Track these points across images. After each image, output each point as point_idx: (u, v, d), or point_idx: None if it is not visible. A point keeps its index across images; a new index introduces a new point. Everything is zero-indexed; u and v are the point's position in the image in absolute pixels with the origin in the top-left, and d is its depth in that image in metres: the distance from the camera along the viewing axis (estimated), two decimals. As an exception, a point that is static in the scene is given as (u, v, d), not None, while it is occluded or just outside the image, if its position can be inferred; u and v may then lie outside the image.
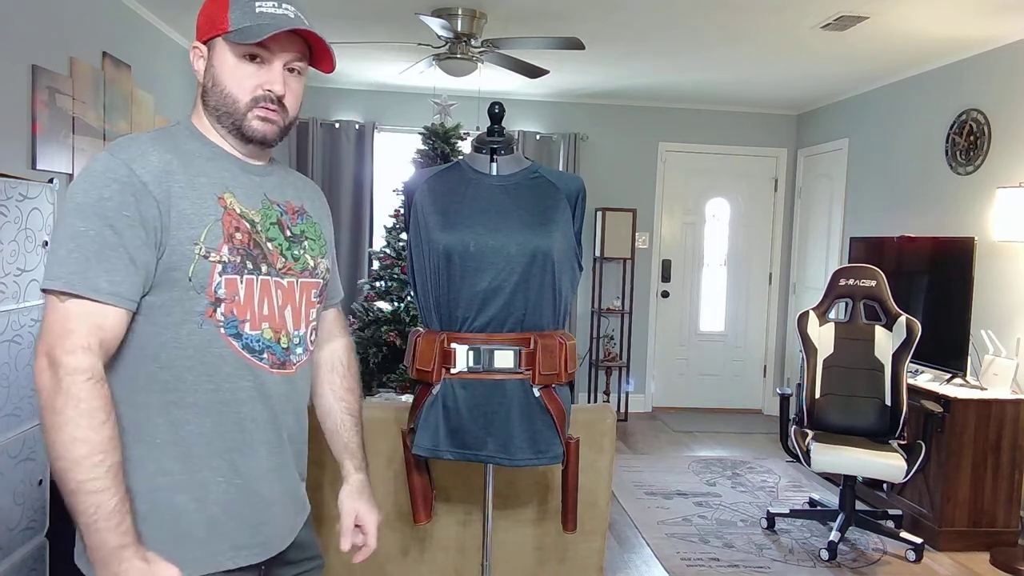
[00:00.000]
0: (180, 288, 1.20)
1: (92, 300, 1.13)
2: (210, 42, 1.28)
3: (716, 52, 4.81)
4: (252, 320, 1.27)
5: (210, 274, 1.22)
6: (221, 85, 1.27)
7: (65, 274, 1.12)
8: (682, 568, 3.49)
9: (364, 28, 4.53)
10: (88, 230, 1.13)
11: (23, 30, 3.16)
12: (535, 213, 1.98)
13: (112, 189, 1.15)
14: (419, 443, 1.97)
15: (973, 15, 3.86)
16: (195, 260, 1.20)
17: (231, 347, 1.25)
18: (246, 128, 1.29)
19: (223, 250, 1.23)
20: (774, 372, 6.82)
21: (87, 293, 1.13)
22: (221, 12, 1.25)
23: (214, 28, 1.26)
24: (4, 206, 2.37)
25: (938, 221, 4.69)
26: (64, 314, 1.12)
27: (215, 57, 1.27)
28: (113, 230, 1.14)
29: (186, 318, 1.21)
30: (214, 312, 1.23)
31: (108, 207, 1.14)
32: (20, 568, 2.53)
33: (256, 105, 1.28)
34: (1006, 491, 3.80)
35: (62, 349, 1.10)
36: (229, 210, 1.25)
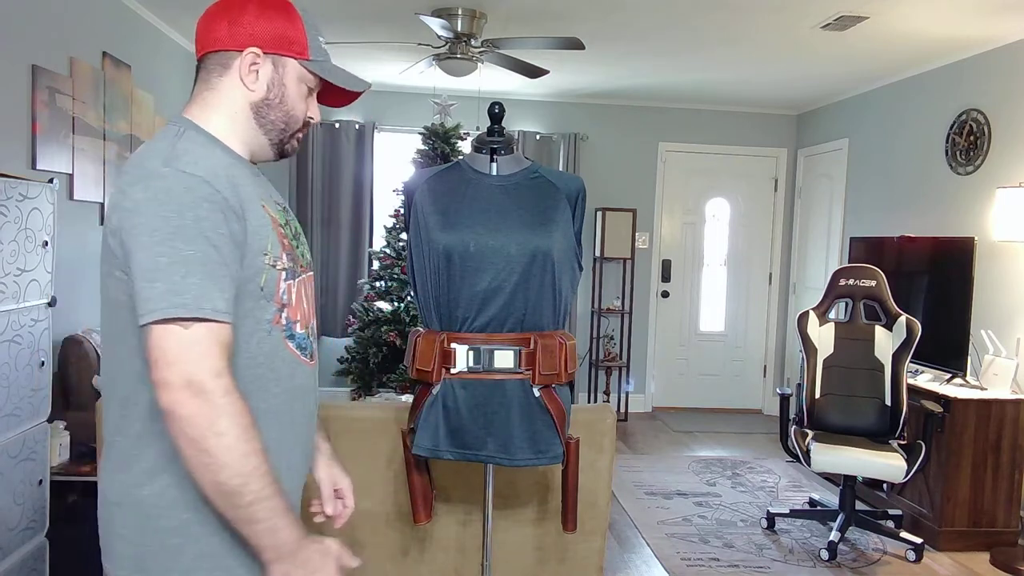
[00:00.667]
0: (252, 299, 1.22)
1: (217, 321, 1.13)
2: (278, 58, 1.28)
3: (716, 52, 4.81)
4: (301, 320, 1.32)
5: (277, 282, 1.25)
6: (288, 104, 1.30)
7: (189, 300, 1.11)
8: (682, 568, 3.50)
9: (364, 28, 4.53)
10: (196, 252, 1.12)
11: (23, 30, 3.16)
12: (535, 213, 1.98)
13: (205, 208, 1.14)
14: (419, 443, 1.97)
15: (973, 15, 3.86)
16: (266, 270, 1.23)
17: (289, 349, 1.30)
18: (288, 147, 1.35)
19: (283, 257, 1.27)
20: (774, 372, 6.82)
21: (213, 316, 1.12)
22: (299, 35, 1.28)
23: (290, 48, 1.28)
24: (4, 206, 2.37)
25: (938, 221, 4.69)
26: (194, 338, 1.11)
27: (287, 76, 1.29)
28: (216, 250, 1.14)
29: (256, 327, 1.24)
30: (280, 318, 1.27)
31: (206, 227, 1.14)
32: (20, 568, 2.53)
33: (300, 129, 1.35)
34: (1006, 491, 3.80)
35: (208, 374, 1.10)
36: (272, 217, 1.28)
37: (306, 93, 1.32)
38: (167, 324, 1.10)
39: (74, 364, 3.33)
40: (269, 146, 1.33)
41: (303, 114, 1.33)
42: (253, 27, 1.25)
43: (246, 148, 1.31)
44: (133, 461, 1.23)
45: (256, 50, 1.25)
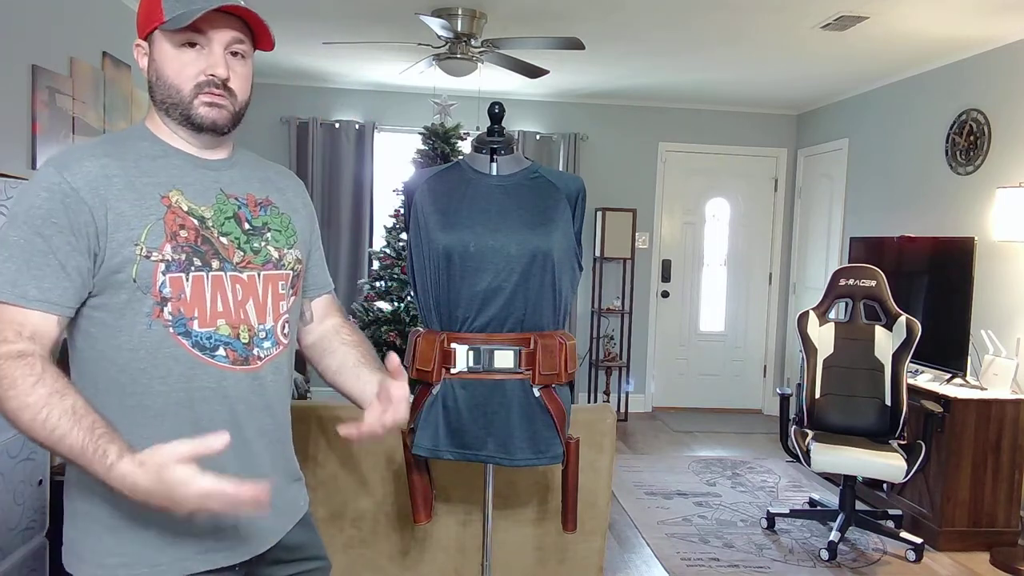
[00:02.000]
0: (127, 290, 1.21)
1: (20, 307, 1.16)
2: (150, 37, 1.27)
3: (716, 52, 4.81)
4: (202, 317, 1.25)
5: (153, 273, 1.21)
6: (164, 76, 1.27)
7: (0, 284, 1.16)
8: (682, 568, 3.49)
9: (364, 28, 4.53)
10: (19, 239, 1.16)
11: (23, 30, 3.16)
12: (535, 213, 1.98)
13: (42, 198, 1.18)
14: (419, 443, 1.97)
15: (973, 15, 3.86)
16: (137, 261, 1.20)
17: (182, 346, 1.24)
18: (194, 116, 1.27)
19: (165, 248, 1.22)
20: (774, 372, 6.82)
21: (15, 300, 1.15)
22: (156, 5, 1.25)
23: (151, 21, 1.25)
24: (4, 206, 2.37)
25: (938, 221, 4.69)
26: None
27: (155, 51, 1.27)
28: (42, 238, 1.16)
29: (135, 320, 1.22)
30: (161, 312, 1.23)
31: (37, 215, 1.17)
32: (20, 568, 2.53)
33: (201, 92, 1.26)
34: (1006, 491, 3.80)
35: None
36: (174, 208, 1.25)
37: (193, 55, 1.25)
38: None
39: (74, 364, 3.33)
40: (178, 125, 1.29)
41: (190, 78, 1.25)
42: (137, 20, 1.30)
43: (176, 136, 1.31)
44: None
45: (139, 42, 1.29)
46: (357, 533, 2.43)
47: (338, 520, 2.42)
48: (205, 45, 1.26)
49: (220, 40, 1.26)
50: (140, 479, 1.07)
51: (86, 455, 1.10)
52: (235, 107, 1.30)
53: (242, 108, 1.32)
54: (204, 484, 1.07)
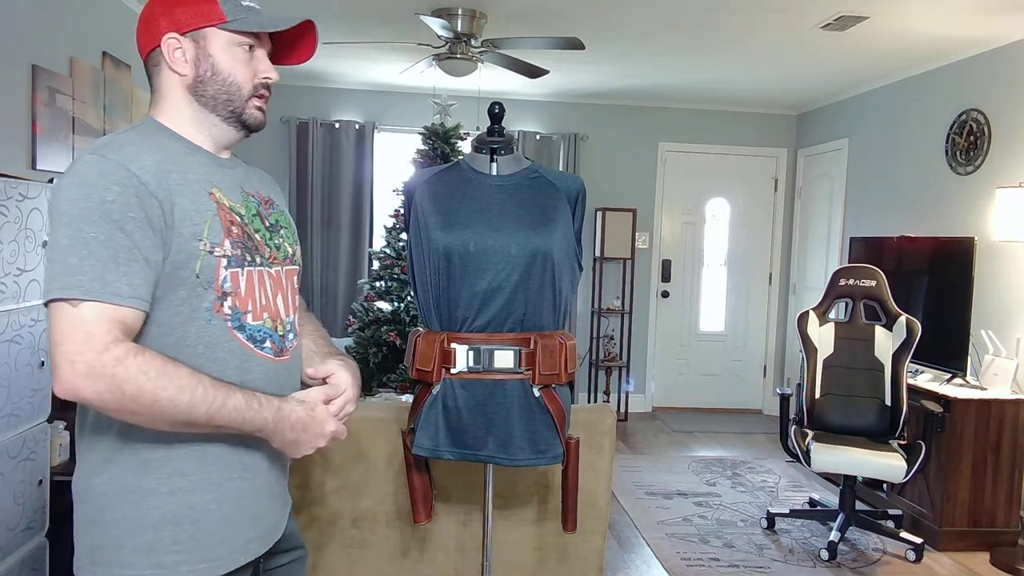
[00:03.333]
0: (187, 286, 1.20)
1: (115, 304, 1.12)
2: (197, 33, 1.26)
3: (716, 52, 4.81)
4: (254, 311, 1.29)
5: (216, 269, 1.22)
6: (223, 73, 1.27)
7: (84, 281, 1.10)
8: (682, 568, 3.49)
9: (364, 28, 4.53)
10: (99, 235, 1.11)
11: (23, 30, 3.16)
12: (535, 213, 1.98)
13: (114, 192, 1.13)
14: (419, 443, 1.97)
15: (973, 15, 3.86)
16: (201, 256, 1.21)
17: (237, 340, 1.27)
18: (246, 116, 1.31)
19: (225, 244, 1.24)
20: (774, 372, 6.82)
21: (109, 299, 1.11)
22: (210, 4, 1.25)
23: (204, 19, 1.25)
24: (4, 206, 2.37)
25: (938, 221, 4.69)
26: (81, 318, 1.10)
27: (211, 47, 1.26)
28: (124, 232, 1.13)
29: (194, 315, 1.22)
30: (221, 306, 1.24)
31: (114, 209, 1.13)
32: (20, 568, 2.53)
33: (255, 94, 1.31)
34: (1006, 491, 3.80)
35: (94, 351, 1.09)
36: (221, 204, 1.26)
37: (247, 56, 1.29)
38: (60, 303, 1.11)
39: (74, 364, 3.32)
40: (223, 122, 1.31)
41: (248, 78, 1.30)
42: (163, 17, 1.26)
43: (206, 136, 1.31)
44: (88, 452, 1.27)
45: (173, 34, 1.26)
46: (357, 533, 2.43)
47: (338, 520, 2.42)
48: (256, 48, 1.31)
49: (266, 47, 1.32)
50: (301, 414, 1.26)
51: (252, 409, 1.20)
52: None
53: None
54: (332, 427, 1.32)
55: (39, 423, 2.64)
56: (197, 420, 1.15)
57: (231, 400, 1.17)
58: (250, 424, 1.20)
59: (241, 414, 1.18)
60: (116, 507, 1.22)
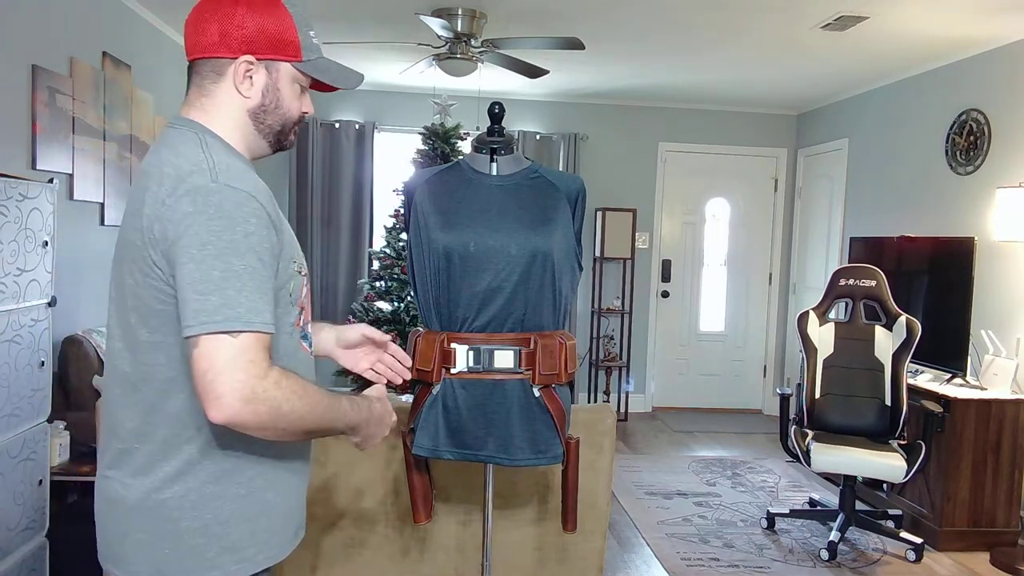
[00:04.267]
0: (282, 304, 1.27)
1: (267, 333, 1.18)
2: (271, 63, 1.28)
3: (716, 52, 4.81)
4: (312, 320, 1.43)
5: (301, 287, 1.33)
6: (283, 109, 1.32)
7: (242, 313, 1.15)
8: (682, 568, 3.49)
9: (364, 28, 4.53)
10: (247, 267, 1.16)
11: (23, 30, 3.16)
12: (535, 213, 1.98)
13: (253, 224, 1.18)
14: (419, 443, 1.97)
15: (973, 15, 3.86)
16: (295, 277, 1.29)
17: (303, 348, 1.37)
18: (286, 143, 1.38)
19: (304, 263, 1.35)
20: (774, 372, 6.82)
21: (262, 328, 1.17)
22: (291, 36, 1.28)
23: (283, 51, 1.28)
24: (4, 206, 2.37)
25: (938, 221, 4.69)
26: (242, 347, 1.15)
27: (281, 81, 1.30)
28: (262, 263, 1.19)
29: (281, 330, 1.28)
30: (300, 320, 1.34)
31: (254, 241, 1.18)
32: (20, 568, 2.53)
33: (296, 124, 1.38)
34: (1006, 491, 3.80)
35: (256, 379, 1.15)
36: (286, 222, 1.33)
37: (299, 92, 1.34)
38: (218, 335, 1.14)
39: (74, 364, 3.33)
40: (267, 147, 1.36)
41: (297, 112, 1.35)
42: (244, 31, 1.24)
43: (248, 150, 1.34)
44: (157, 466, 1.25)
45: (250, 58, 1.25)
46: (357, 533, 2.43)
47: (338, 520, 2.42)
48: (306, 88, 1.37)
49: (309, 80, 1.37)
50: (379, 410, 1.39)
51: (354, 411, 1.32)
52: None
53: None
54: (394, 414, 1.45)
55: (39, 423, 2.64)
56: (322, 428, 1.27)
57: (341, 407, 1.29)
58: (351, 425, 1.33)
59: (347, 417, 1.30)
60: (195, 516, 1.25)
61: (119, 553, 1.27)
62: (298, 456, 1.39)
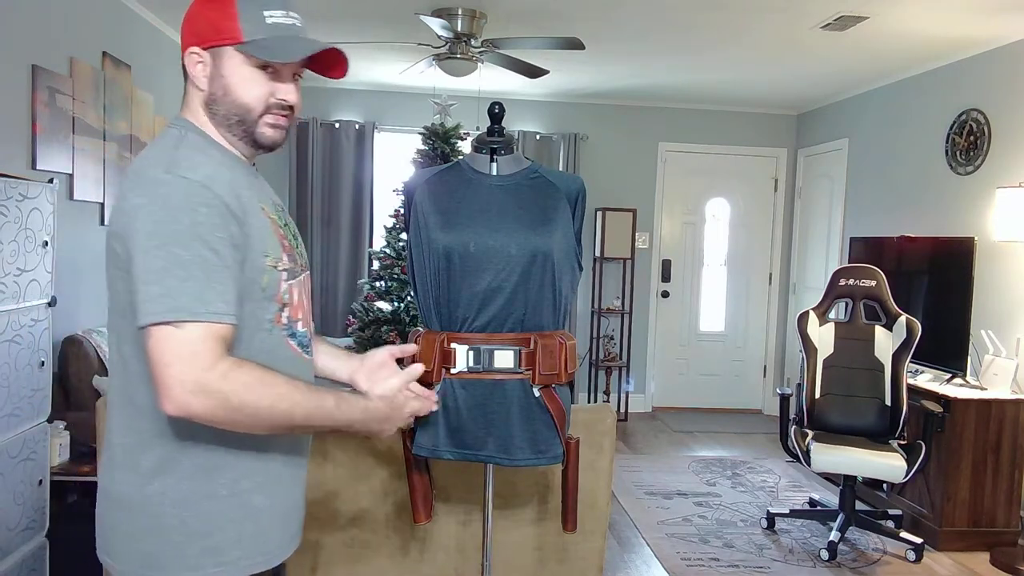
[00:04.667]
0: (254, 300, 1.25)
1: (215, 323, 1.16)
2: (215, 49, 1.26)
3: (716, 52, 4.81)
4: (303, 319, 1.37)
5: (279, 283, 1.28)
6: (234, 95, 1.27)
7: (186, 303, 1.13)
8: (682, 568, 3.49)
9: (364, 28, 4.53)
10: (194, 256, 1.15)
11: (23, 30, 3.16)
12: (535, 213, 1.98)
13: (203, 213, 1.16)
14: (419, 443, 1.97)
15: (973, 15, 3.86)
16: (267, 271, 1.26)
17: (290, 347, 1.34)
18: (259, 136, 1.30)
19: (284, 258, 1.30)
20: (774, 372, 6.82)
21: (211, 318, 1.15)
22: (229, 20, 1.24)
23: (221, 37, 1.24)
24: (4, 206, 2.37)
25: (938, 221, 4.69)
26: (188, 338, 1.13)
27: (225, 67, 1.26)
28: (214, 252, 1.16)
29: (258, 327, 1.27)
30: (281, 317, 1.31)
31: (203, 231, 1.16)
32: (20, 568, 2.53)
33: (268, 112, 1.29)
34: (1006, 491, 3.80)
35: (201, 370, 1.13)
36: (272, 220, 1.30)
37: (264, 76, 1.27)
38: (163, 326, 1.13)
39: (74, 364, 3.33)
40: (239, 141, 1.31)
41: (261, 99, 1.27)
42: (191, 25, 1.28)
43: (232, 145, 1.32)
44: (139, 460, 1.26)
45: (195, 48, 1.27)
46: (357, 533, 2.43)
47: (338, 520, 2.42)
48: (278, 69, 1.28)
49: (291, 67, 1.29)
50: (384, 409, 1.37)
51: (340, 409, 1.28)
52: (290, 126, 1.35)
53: None
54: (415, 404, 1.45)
55: (39, 423, 2.64)
56: (296, 423, 1.23)
57: (325, 404, 1.25)
58: (339, 423, 1.29)
59: (333, 416, 1.27)
60: (175, 513, 1.25)
61: (111, 545, 1.29)
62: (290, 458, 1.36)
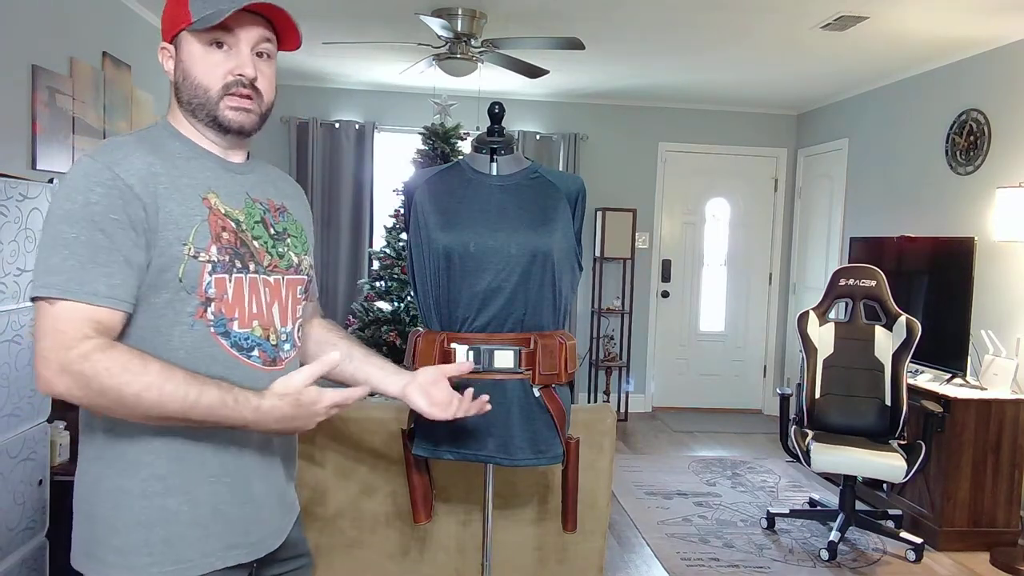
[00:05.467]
0: (171, 290, 1.21)
1: (90, 304, 1.14)
2: (176, 39, 1.28)
3: (716, 52, 4.81)
4: (241, 318, 1.28)
5: (200, 274, 1.22)
6: (191, 77, 1.27)
7: (60, 281, 1.13)
8: (682, 568, 3.49)
9: (364, 28, 4.53)
10: (79, 236, 1.14)
11: (23, 30, 3.16)
12: (535, 213, 1.98)
13: (98, 193, 1.15)
14: (419, 443, 1.97)
15: (973, 15, 3.86)
16: (185, 261, 1.21)
17: (221, 346, 1.26)
18: (221, 118, 1.28)
19: (212, 250, 1.23)
20: (774, 372, 6.82)
21: (85, 298, 1.13)
22: (181, 7, 1.25)
23: (177, 23, 1.26)
24: (4, 206, 2.37)
25: (938, 221, 4.69)
26: (57, 316, 1.13)
27: (182, 51, 1.27)
28: (104, 234, 1.15)
29: (177, 320, 1.22)
30: (205, 312, 1.24)
31: (96, 211, 1.15)
32: (20, 568, 2.53)
33: (227, 93, 1.27)
34: (1006, 491, 3.80)
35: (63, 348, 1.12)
36: (214, 210, 1.26)
37: (219, 56, 1.26)
38: (41, 302, 1.14)
39: (74, 364, 3.32)
40: (205, 127, 1.30)
41: (217, 77, 1.26)
42: (161, 24, 1.32)
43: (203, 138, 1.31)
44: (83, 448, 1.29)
45: (164, 45, 1.30)
46: (357, 533, 2.43)
47: (338, 520, 2.42)
48: (233, 45, 1.27)
49: (247, 40, 1.28)
50: (284, 408, 1.21)
51: (227, 406, 1.17)
52: (261, 109, 1.32)
53: (267, 109, 1.34)
54: (331, 397, 1.24)
55: (39, 423, 2.64)
56: (172, 415, 1.15)
57: (204, 398, 1.15)
58: (229, 421, 1.19)
59: (216, 412, 1.17)
60: (100, 504, 1.25)
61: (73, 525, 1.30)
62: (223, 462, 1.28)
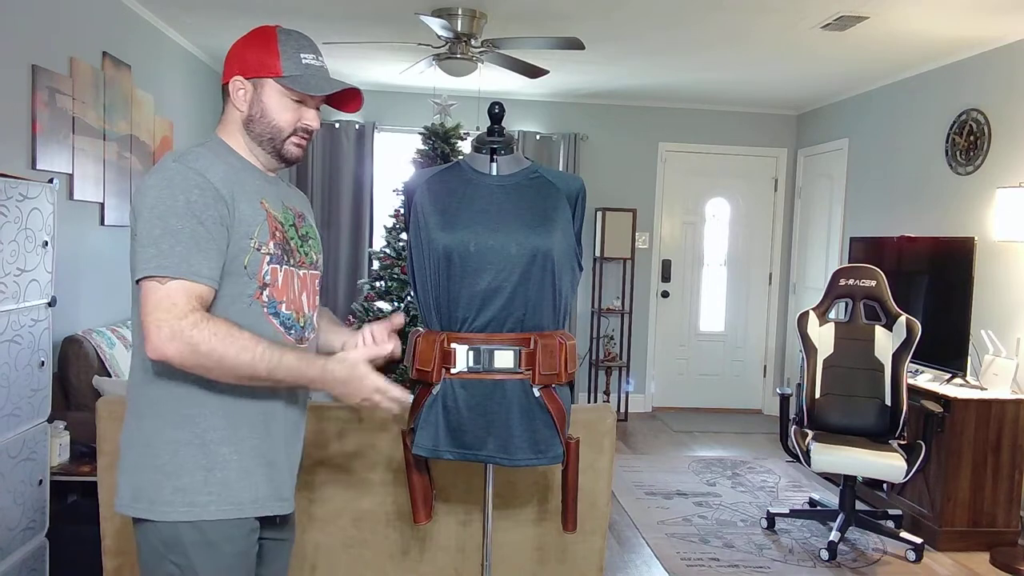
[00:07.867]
0: (236, 275, 1.46)
1: (195, 282, 1.39)
2: (257, 80, 1.53)
3: (716, 52, 4.81)
4: (287, 302, 1.56)
5: (260, 263, 1.49)
6: (270, 119, 1.54)
7: (173, 264, 1.37)
8: (682, 568, 3.50)
9: (364, 28, 4.53)
10: (184, 228, 1.39)
11: (23, 30, 3.16)
12: (535, 213, 1.98)
13: (195, 193, 1.41)
14: (419, 443, 1.97)
15: (973, 15, 3.86)
16: (250, 252, 1.47)
17: (271, 323, 1.52)
18: (285, 152, 1.58)
19: (270, 244, 1.51)
20: (774, 372, 6.82)
21: (193, 278, 1.38)
22: (272, 58, 1.52)
23: (265, 70, 1.52)
24: (4, 206, 2.37)
25: (938, 221, 4.69)
26: (168, 292, 1.37)
27: (264, 94, 1.53)
28: (204, 226, 1.41)
29: (236, 299, 1.47)
30: (261, 294, 1.51)
31: (196, 208, 1.40)
32: (20, 568, 2.53)
33: (294, 134, 1.56)
34: (1006, 491, 3.80)
35: (176, 318, 1.35)
36: (269, 212, 1.53)
37: (294, 105, 1.54)
38: (151, 281, 1.38)
39: (74, 364, 3.33)
40: (265, 154, 1.57)
41: (290, 123, 1.55)
42: (237, 59, 1.56)
43: (255, 158, 1.58)
44: (135, 404, 1.51)
45: (239, 77, 1.54)
46: (357, 533, 2.43)
47: (338, 520, 2.42)
48: (305, 100, 1.56)
49: (317, 100, 1.58)
50: (340, 371, 1.48)
51: (302, 367, 1.45)
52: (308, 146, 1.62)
53: None
54: (377, 381, 1.50)
55: (39, 423, 2.64)
56: (259, 374, 1.40)
57: (286, 359, 1.42)
58: (303, 378, 1.46)
59: (293, 371, 1.43)
60: (157, 454, 1.46)
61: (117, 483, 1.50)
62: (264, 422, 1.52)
